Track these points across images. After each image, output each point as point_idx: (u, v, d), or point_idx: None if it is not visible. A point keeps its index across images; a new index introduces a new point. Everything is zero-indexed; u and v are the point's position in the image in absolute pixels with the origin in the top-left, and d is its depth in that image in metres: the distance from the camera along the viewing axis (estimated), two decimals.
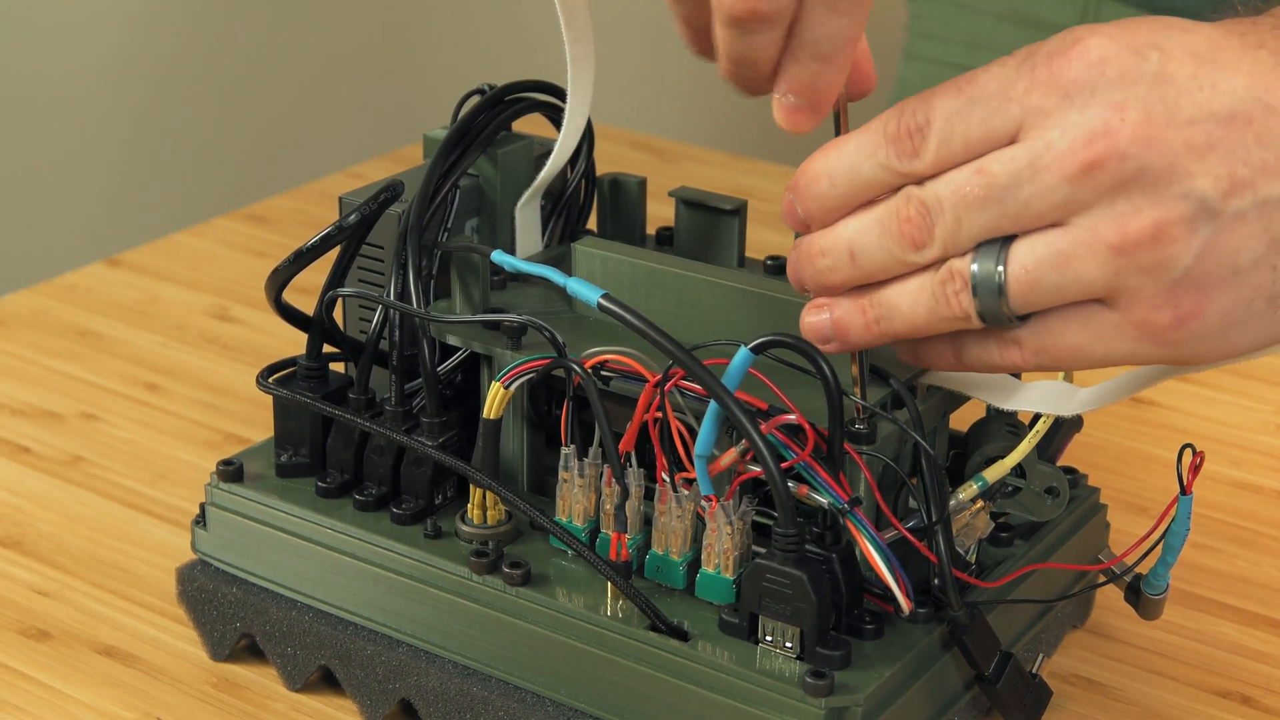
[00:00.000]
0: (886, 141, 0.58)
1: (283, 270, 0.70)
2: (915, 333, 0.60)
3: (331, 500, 0.71)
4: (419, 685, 0.68)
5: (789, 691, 0.61)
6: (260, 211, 1.20)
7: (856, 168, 0.59)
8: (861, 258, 0.59)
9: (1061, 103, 0.56)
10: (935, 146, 0.57)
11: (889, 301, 0.59)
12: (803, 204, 0.60)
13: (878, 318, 0.60)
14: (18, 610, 0.78)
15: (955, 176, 0.57)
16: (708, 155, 1.30)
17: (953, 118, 0.57)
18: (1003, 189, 0.56)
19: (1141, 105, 0.55)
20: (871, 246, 0.59)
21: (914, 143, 0.57)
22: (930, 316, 0.59)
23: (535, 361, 0.66)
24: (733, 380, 0.62)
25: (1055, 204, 0.56)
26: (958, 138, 0.57)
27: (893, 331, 0.60)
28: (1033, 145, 0.56)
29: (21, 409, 0.94)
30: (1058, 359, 0.59)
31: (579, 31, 0.70)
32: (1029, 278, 0.57)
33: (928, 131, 0.57)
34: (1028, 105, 0.56)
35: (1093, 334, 0.57)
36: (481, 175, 0.75)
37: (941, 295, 0.58)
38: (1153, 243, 0.55)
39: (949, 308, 0.58)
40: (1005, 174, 0.56)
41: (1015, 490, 0.68)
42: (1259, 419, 0.94)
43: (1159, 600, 0.70)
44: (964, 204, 0.57)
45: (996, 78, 0.57)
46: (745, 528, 0.64)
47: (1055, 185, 0.55)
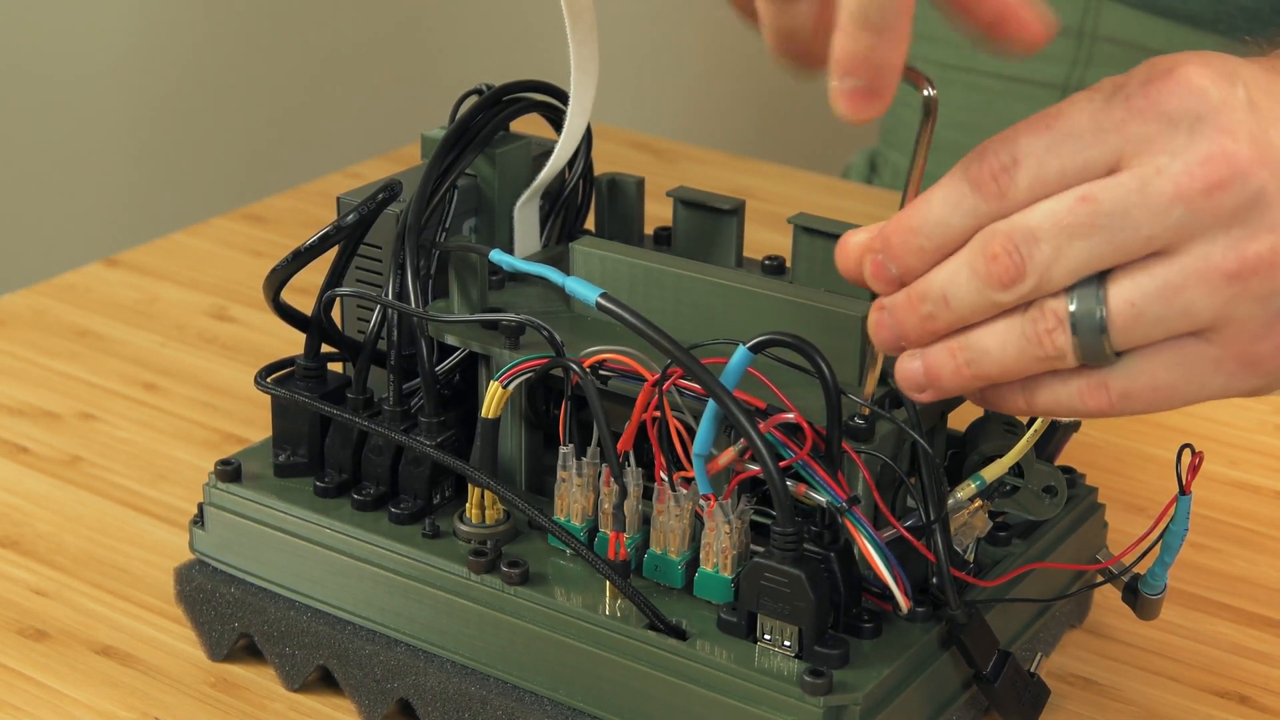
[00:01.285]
0: (971, 189, 0.56)
1: (281, 270, 0.70)
2: (1006, 375, 0.57)
3: (330, 500, 0.71)
4: (417, 685, 0.68)
5: (787, 690, 0.61)
6: (259, 211, 1.20)
7: (944, 219, 0.57)
8: (954, 301, 0.57)
9: (1166, 129, 0.54)
10: (1028, 186, 0.55)
11: (978, 345, 0.57)
12: (898, 262, 0.58)
13: (968, 361, 0.57)
14: (16, 610, 0.78)
15: (1053, 207, 0.55)
16: (706, 155, 1.30)
17: (1044, 155, 0.55)
18: (1109, 215, 0.54)
19: (1247, 130, 0.54)
20: (963, 289, 0.56)
21: (1000, 184, 0.56)
22: (1021, 357, 0.57)
23: (533, 361, 0.66)
24: (731, 379, 0.62)
25: (1167, 227, 0.54)
26: (1051, 174, 0.55)
27: (984, 374, 0.57)
28: (1142, 171, 0.54)
29: (20, 409, 0.94)
30: (1148, 402, 0.56)
31: (584, 34, 0.70)
32: (1134, 312, 0.55)
33: (1015, 171, 0.55)
34: (1128, 134, 0.54)
35: (1187, 372, 0.56)
36: (479, 175, 0.75)
37: (1034, 335, 0.56)
38: (1270, 268, 0.54)
39: (1041, 348, 0.56)
40: (1113, 199, 0.54)
41: (1013, 489, 0.68)
42: (1257, 419, 0.94)
43: (1157, 600, 0.70)
44: (1064, 233, 0.55)
45: (1085, 111, 0.55)
46: (743, 527, 0.64)
47: (1169, 207, 0.54)
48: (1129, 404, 0.57)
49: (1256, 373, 0.56)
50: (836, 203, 1.21)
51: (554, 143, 0.77)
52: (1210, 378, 0.56)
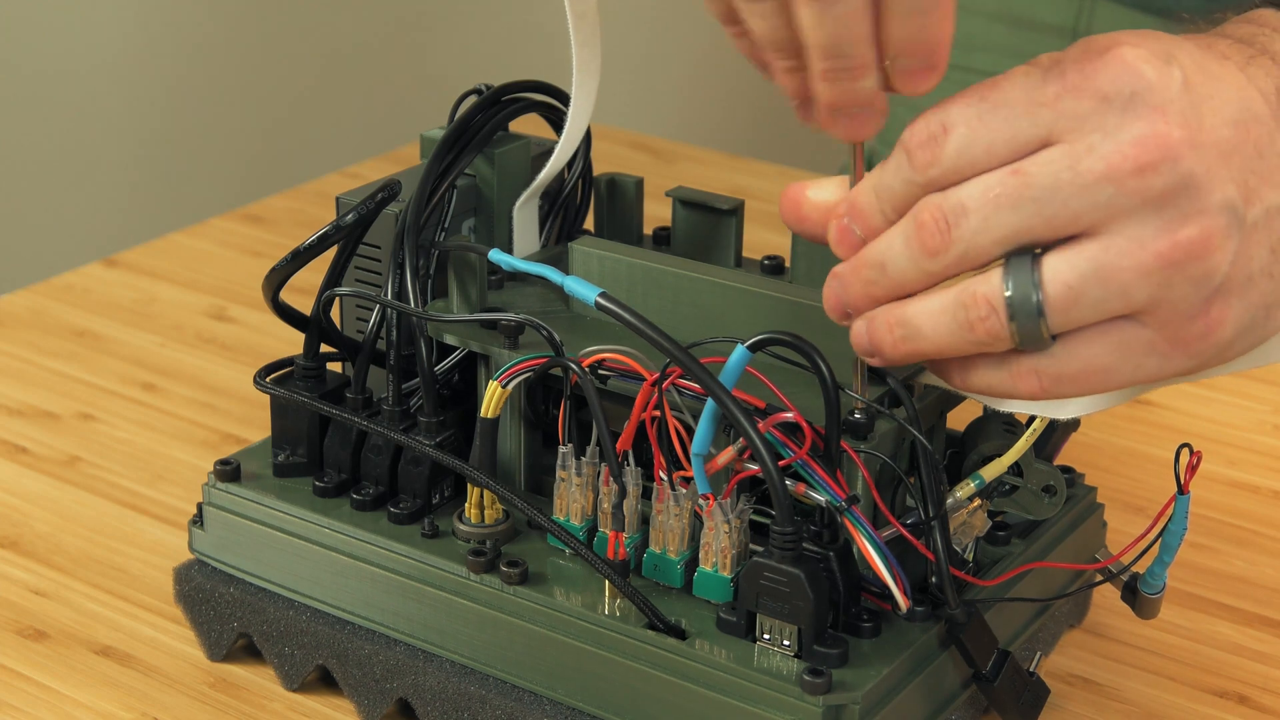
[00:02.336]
0: (905, 152, 0.57)
1: (280, 270, 0.70)
2: (942, 354, 0.58)
3: (329, 500, 0.71)
4: (416, 684, 0.68)
5: (787, 689, 0.61)
6: (258, 211, 1.20)
7: (889, 185, 0.58)
8: (891, 268, 0.58)
9: (1099, 107, 0.54)
10: (955, 152, 0.56)
11: (913, 323, 0.58)
12: (862, 222, 0.59)
13: (904, 336, 0.58)
14: (15, 610, 0.77)
15: (985, 179, 0.55)
16: (705, 155, 1.30)
17: (974, 123, 0.56)
18: (1039, 189, 0.54)
19: (1179, 111, 0.54)
20: (898, 255, 0.57)
21: (929, 153, 0.56)
22: (953, 339, 0.57)
23: (533, 360, 0.66)
24: (730, 378, 0.62)
25: (1096, 205, 0.54)
26: (980, 143, 0.55)
27: (918, 351, 0.58)
28: (1073, 148, 0.54)
29: (19, 409, 0.94)
30: (1082, 386, 0.57)
31: (587, 36, 0.70)
32: (1071, 294, 0.55)
33: (943, 139, 0.56)
34: (1060, 110, 0.55)
35: (1122, 355, 0.56)
36: (478, 175, 0.75)
37: (965, 320, 0.57)
38: (1203, 251, 0.54)
39: (973, 332, 0.57)
40: (1044, 174, 0.54)
41: (1012, 489, 0.68)
42: (1256, 419, 0.94)
43: (1156, 600, 0.70)
44: (993, 205, 0.55)
45: (1020, 85, 0.56)
46: (743, 526, 0.64)
47: (1098, 185, 0.54)
48: (1062, 388, 0.57)
49: (1188, 354, 0.56)
50: None
51: (553, 143, 0.77)
52: (1144, 359, 0.56)
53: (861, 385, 0.64)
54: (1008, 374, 0.58)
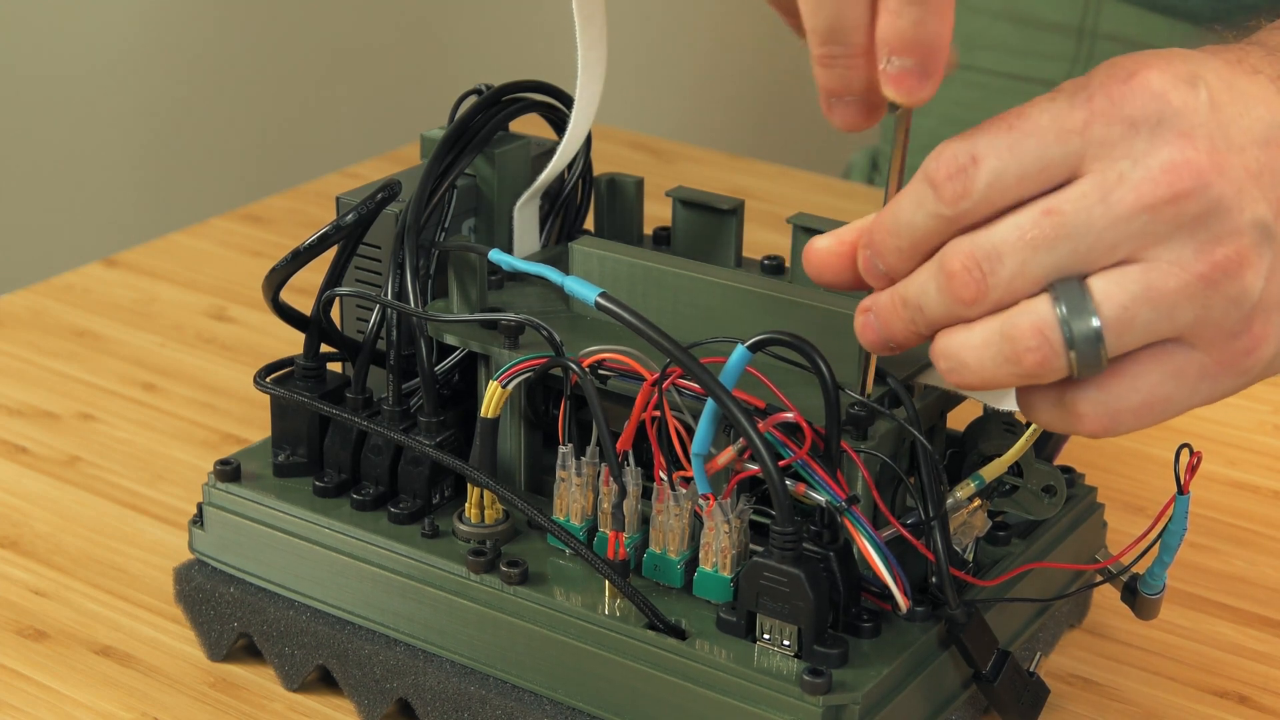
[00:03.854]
0: (930, 188, 0.56)
1: (280, 270, 0.70)
2: (989, 386, 0.57)
3: (329, 500, 0.71)
4: (417, 684, 0.68)
5: (787, 690, 0.61)
6: (258, 212, 1.20)
7: (911, 220, 0.56)
8: (928, 310, 0.57)
9: (1127, 133, 0.54)
10: (986, 184, 0.55)
11: (956, 355, 0.57)
12: (883, 260, 0.58)
13: (950, 369, 0.57)
14: (15, 610, 0.78)
15: (1017, 220, 0.55)
16: (705, 155, 1.30)
17: (1004, 153, 0.55)
18: (1074, 226, 0.54)
19: (1206, 134, 0.54)
20: (932, 301, 0.56)
21: (958, 185, 0.55)
22: (999, 372, 0.56)
23: (533, 360, 0.66)
24: (730, 378, 0.62)
25: (1131, 235, 0.54)
26: (1011, 173, 0.55)
27: (968, 384, 0.57)
28: (1103, 178, 0.54)
29: (19, 409, 0.94)
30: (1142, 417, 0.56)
31: (593, 38, 0.70)
32: (1127, 314, 0.54)
33: (974, 170, 0.55)
34: (1089, 137, 0.54)
35: (1178, 381, 0.56)
36: (479, 175, 0.75)
37: (1010, 354, 0.55)
38: (1238, 269, 0.54)
39: (1020, 364, 0.55)
40: (1077, 210, 0.54)
41: (1012, 489, 0.68)
42: (1256, 419, 0.94)
43: (1156, 600, 0.70)
44: (1029, 247, 0.54)
45: (1048, 111, 0.55)
46: (743, 526, 0.64)
47: (1132, 216, 0.54)
48: (1124, 421, 0.56)
49: (1236, 372, 0.56)
50: (836, 203, 1.21)
51: (553, 143, 0.77)
52: (1199, 384, 0.56)
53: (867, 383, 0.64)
54: (1066, 413, 0.57)
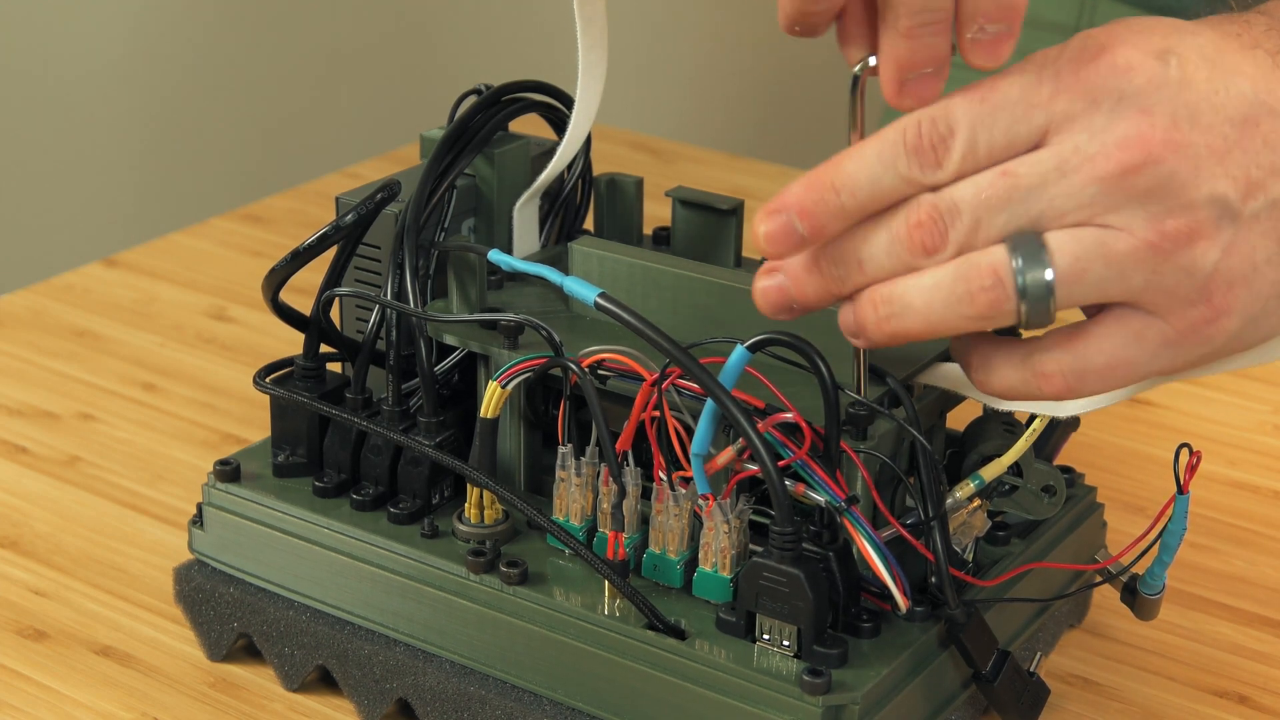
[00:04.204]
0: (907, 152, 0.57)
1: (280, 270, 0.70)
2: (931, 331, 0.58)
3: (329, 500, 0.71)
4: (416, 685, 0.68)
5: (786, 690, 0.61)
6: (258, 212, 1.20)
7: (876, 179, 0.57)
8: (870, 265, 0.58)
9: (1088, 108, 0.56)
10: (960, 157, 0.56)
11: (901, 299, 0.57)
12: (810, 220, 0.58)
13: (889, 314, 0.58)
14: (15, 610, 0.78)
15: (977, 180, 0.56)
16: (705, 155, 1.30)
17: (977, 126, 0.56)
18: (1027, 190, 0.56)
19: (1168, 110, 0.55)
20: (881, 254, 0.58)
21: (938, 154, 0.57)
22: (948, 313, 0.57)
23: (532, 361, 0.66)
24: (729, 378, 0.62)
25: (1081, 204, 0.56)
26: (982, 146, 0.56)
27: (904, 329, 0.58)
28: (1060, 149, 0.56)
29: (19, 409, 0.94)
30: (1104, 380, 0.58)
31: (594, 39, 0.70)
32: (1079, 266, 0.56)
33: (951, 142, 0.56)
34: (1053, 111, 0.56)
35: (1139, 345, 0.57)
36: (478, 175, 0.75)
37: (964, 292, 0.57)
38: (1188, 241, 0.55)
39: (973, 304, 0.57)
40: (1031, 175, 0.56)
41: (1012, 489, 0.68)
42: (1256, 419, 0.94)
43: (1155, 600, 0.70)
44: (984, 206, 0.56)
45: (1017, 84, 0.56)
46: (742, 526, 0.64)
47: (1084, 186, 0.55)
48: (1086, 384, 0.58)
49: (1199, 341, 0.57)
50: None
51: (553, 143, 0.77)
52: (1160, 350, 0.57)
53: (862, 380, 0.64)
54: (1030, 374, 0.59)
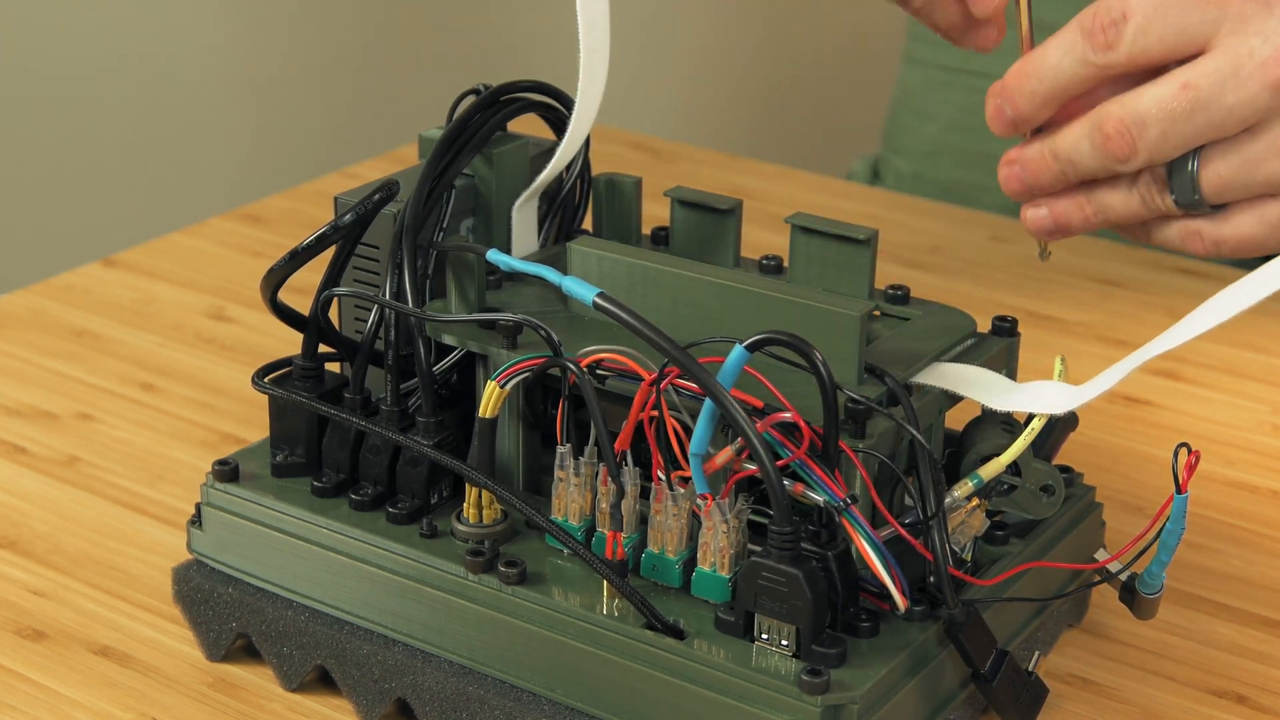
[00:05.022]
0: (1083, 36, 0.64)
1: (278, 270, 0.70)
2: (1129, 222, 0.67)
3: (327, 500, 0.71)
4: (415, 685, 0.68)
5: (785, 689, 0.61)
6: (256, 211, 1.20)
7: (1058, 64, 0.65)
8: (1080, 165, 0.66)
9: (1262, 9, 0.61)
10: (1131, 39, 0.63)
11: (1103, 200, 0.67)
12: (1012, 104, 0.66)
13: (1095, 211, 0.67)
14: (13, 610, 0.77)
15: (1158, 92, 0.63)
16: (703, 155, 1.30)
17: (1151, 14, 0.62)
18: (1208, 100, 0.62)
19: None
20: (1087, 157, 0.66)
21: (1109, 36, 0.63)
22: (1140, 210, 0.66)
23: (531, 360, 0.67)
24: (728, 378, 0.62)
25: (1257, 109, 0.62)
26: (1154, 32, 0.62)
27: (1107, 222, 0.67)
28: (1235, 53, 0.62)
29: (18, 409, 0.94)
30: (1235, 249, 0.66)
31: (596, 41, 0.70)
32: (1222, 182, 0.64)
33: (1123, 26, 0.63)
34: (1228, 10, 0.62)
35: (1269, 229, 0.65)
36: (477, 175, 0.75)
37: (1147, 195, 0.66)
38: None
39: (1154, 203, 0.66)
40: (1211, 85, 0.62)
41: (1011, 488, 0.68)
42: (1255, 419, 0.94)
43: (1154, 600, 0.70)
44: (1169, 118, 0.63)
45: None
46: (741, 526, 0.64)
47: (1259, 92, 0.62)
48: (1221, 250, 0.66)
49: None
50: (834, 203, 1.21)
51: (551, 143, 0.77)
52: None
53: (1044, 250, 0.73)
54: (1178, 235, 0.67)
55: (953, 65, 1.24)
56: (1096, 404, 0.67)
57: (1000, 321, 0.72)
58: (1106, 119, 0.64)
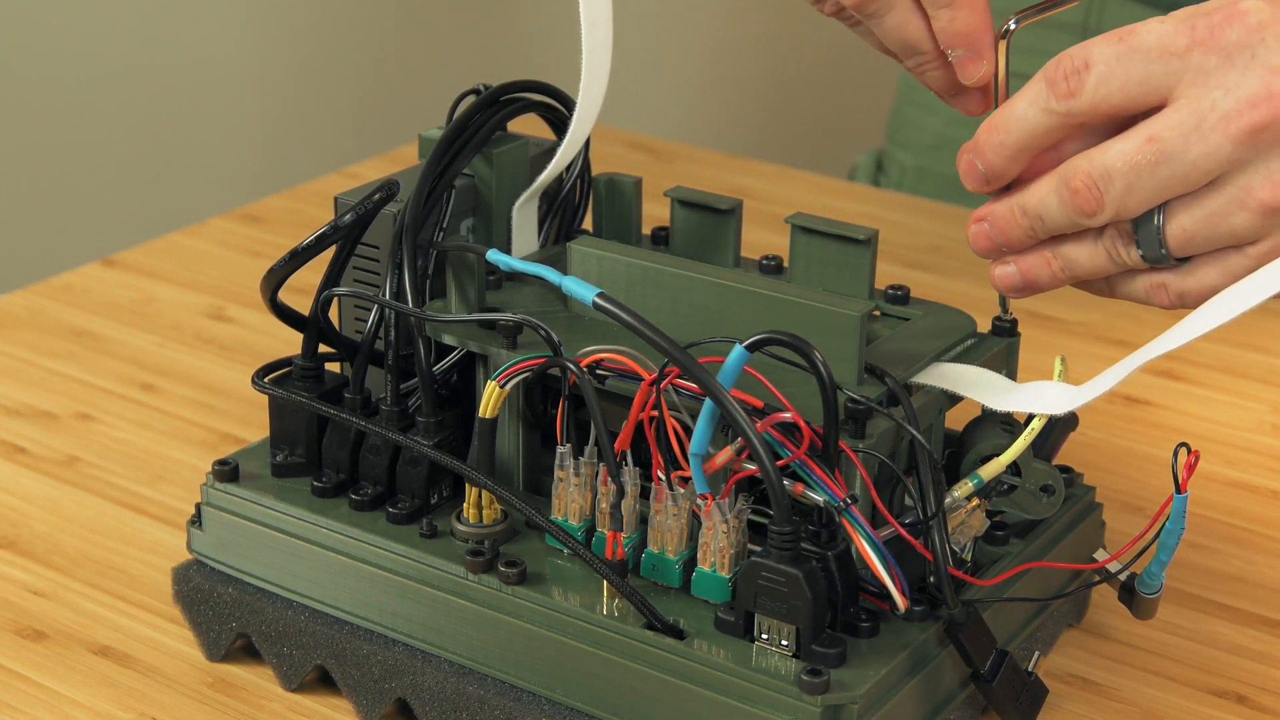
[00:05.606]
0: (1047, 86, 0.63)
1: (278, 270, 0.70)
2: (1095, 276, 0.67)
3: (327, 500, 0.71)
4: (415, 684, 0.68)
5: (785, 689, 0.61)
6: (256, 212, 1.20)
7: (1024, 115, 0.64)
8: (1048, 220, 0.65)
9: (1223, 63, 0.61)
10: (1093, 87, 0.62)
11: (1069, 255, 0.66)
12: (983, 158, 0.66)
13: (1062, 268, 0.67)
14: (13, 610, 0.77)
15: (1123, 146, 0.62)
16: (703, 155, 1.30)
17: (1113, 63, 0.62)
18: (1172, 153, 0.62)
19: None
20: (1054, 212, 0.65)
21: (1070, 84, 0.63)
22: (1106, 264, 0.66)
23: (531, 360, 0.66)
24: (728, 378, 0.62)
25: (1220, 162, 0.61)
26: (1116, 81, 0.62)
27: (1074, 277, 0.67)
28: (1197, 106, 0.61)
29: (17, 409, 0.94)
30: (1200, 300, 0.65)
31: (598, 42, 0.70)
32: (1186, 235, 0.63)
33: (1085, 74, 0.62)
34: (1189, 62, 0.61)
35: (1230, 280, 0.64)
36: (477, 175, 0.75)
37: (1112, 248, 0.65)
38: None
39: (1119, 257, 0.65)
40: (1175, 137, 0.61)
41: (1011, 488, 0.68)
42: (1255, 419, 0.94)
43: (1153, 600, 0.70)
44: (1135, 171, 0.62)
45: (1155, 33, 0.62)
46: (741, 526, 0.64)
47: (1221, 145, 0.61)
48: (1186, 302, 0.66)
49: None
50: (835, 203, 1.21)
51: (551, 143, 0.77)
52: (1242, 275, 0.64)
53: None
54: (1144, 288, 0.66)
55: None
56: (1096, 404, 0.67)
57: (1000, 321, 0.72)
58: (1074, 174, 0.64)
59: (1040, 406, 0.66)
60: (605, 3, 0.71)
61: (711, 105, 2.20)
